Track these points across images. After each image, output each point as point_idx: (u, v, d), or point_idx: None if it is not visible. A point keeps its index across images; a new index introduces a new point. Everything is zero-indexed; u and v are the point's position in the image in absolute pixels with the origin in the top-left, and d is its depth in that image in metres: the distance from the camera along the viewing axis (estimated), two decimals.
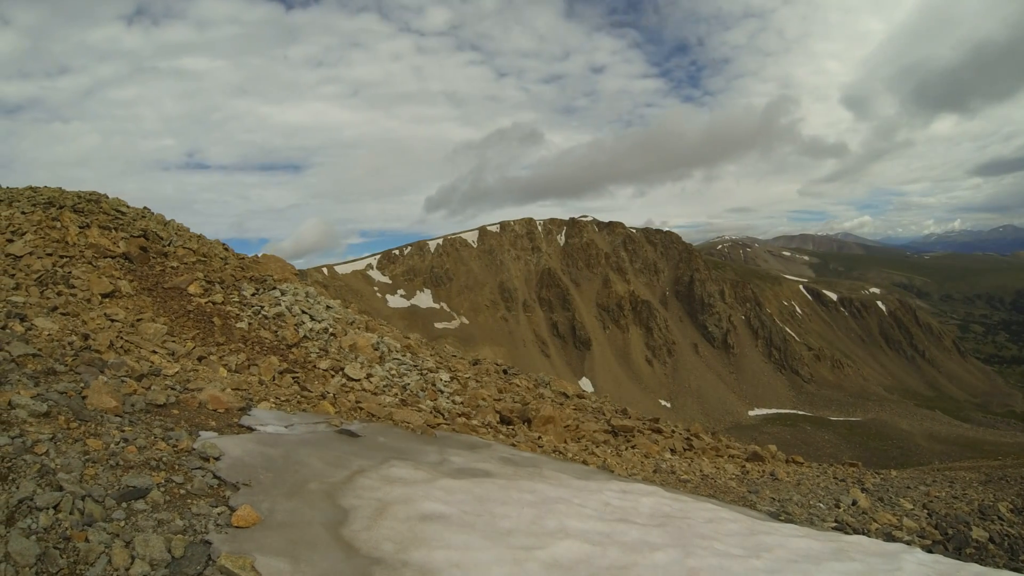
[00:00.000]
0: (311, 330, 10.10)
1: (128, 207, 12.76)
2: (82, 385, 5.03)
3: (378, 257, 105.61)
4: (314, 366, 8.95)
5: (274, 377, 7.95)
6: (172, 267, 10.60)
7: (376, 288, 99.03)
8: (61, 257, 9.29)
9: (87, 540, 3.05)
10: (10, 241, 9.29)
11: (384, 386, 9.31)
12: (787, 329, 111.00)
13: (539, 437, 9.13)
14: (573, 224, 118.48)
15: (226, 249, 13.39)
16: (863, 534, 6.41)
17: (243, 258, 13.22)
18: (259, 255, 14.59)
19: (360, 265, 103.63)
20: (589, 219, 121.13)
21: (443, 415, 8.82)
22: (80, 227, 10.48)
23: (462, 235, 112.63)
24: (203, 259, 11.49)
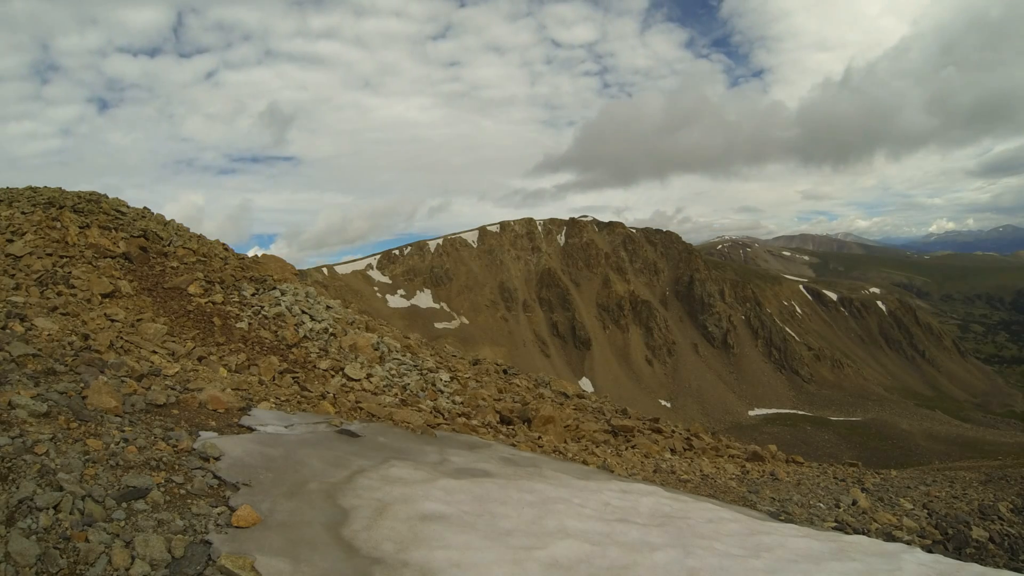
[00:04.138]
0: (311, 330, 10.10)
1: (128, 207, 12.76)
2: (82, 385, 5.03)
3: (378, 257, 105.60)
4: (314, 366, 8.95)
5: (274, 377, 7.95)
6: (172, 267, 10.60)
7: (376, 288, 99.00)
8: (61, 257, 9.29)
9: (87, 540, 3.04)
10: (10, 241, 9.29)
11: (384, 386, 9.30)
12: (787, 329, 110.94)
13: (539, 437, 9.13)
14: (573, 224, 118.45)
15: (226, 249, 13.39)
16: (863, 534, 6.41)
17: (243, 258, 13.23)
18: (259, 255, 14.59)
19: (360, 265, 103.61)
20: (589, 219, 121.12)
21: (443, 415, 8.82)
22: (80, 227, 10.48)
23: (462, 235, 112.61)
24: (203, 259, 11.49)
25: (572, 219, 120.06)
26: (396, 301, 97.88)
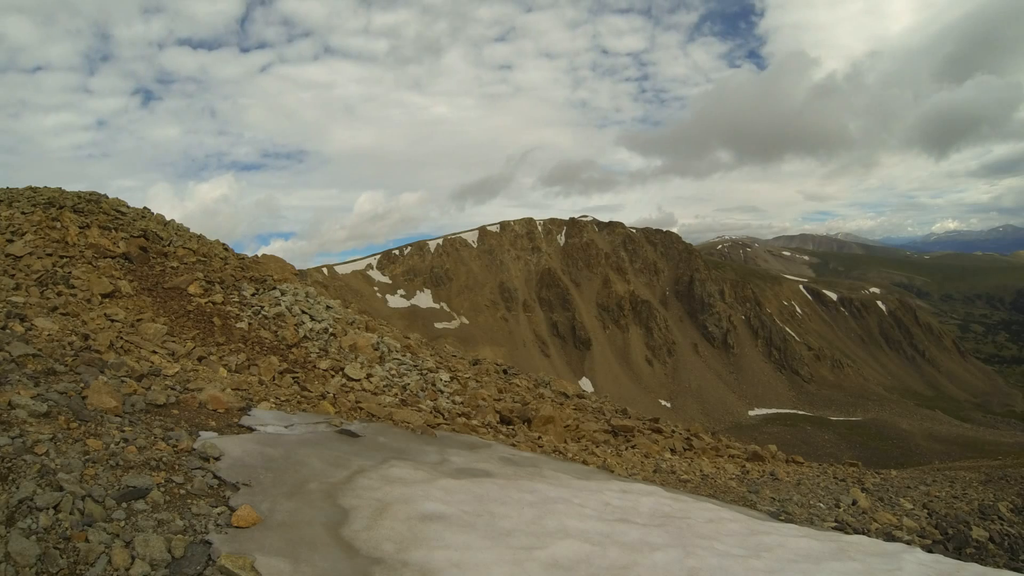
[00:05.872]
0: (311, 330, 10.10)
1: (128, 207, 12.76)
2: (82, 385, 5.02)
3: (378, 257, 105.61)
4: (314, 366, 8.95)
5: (274, 377, 7.95)
6: (172, 267, 10.60)
7: (376, 288, 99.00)
8: (61, 257, 9.29)
9: (87, 540, 3.04)
10: (10, 241, 9.29)
11: (384, 386, 9.30)
12: (787, 329, 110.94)
13: (539, 437, 9.13)
14: (573, 224, 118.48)
15: (226, 249, 13.39)
16: (863, 534, 6.41)
17: (243, 258, 13.23)
18: (259, 255, 14.59)
19: (360, 265, 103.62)
20: (589, 219, 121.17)
21: (443, 415, 8.82)
22: (80, 227, 10.48)
23: (462, 235, 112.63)
24: (203, 259, 11.49)
25: (572, 219, 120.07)
26: (396, 301, 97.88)
